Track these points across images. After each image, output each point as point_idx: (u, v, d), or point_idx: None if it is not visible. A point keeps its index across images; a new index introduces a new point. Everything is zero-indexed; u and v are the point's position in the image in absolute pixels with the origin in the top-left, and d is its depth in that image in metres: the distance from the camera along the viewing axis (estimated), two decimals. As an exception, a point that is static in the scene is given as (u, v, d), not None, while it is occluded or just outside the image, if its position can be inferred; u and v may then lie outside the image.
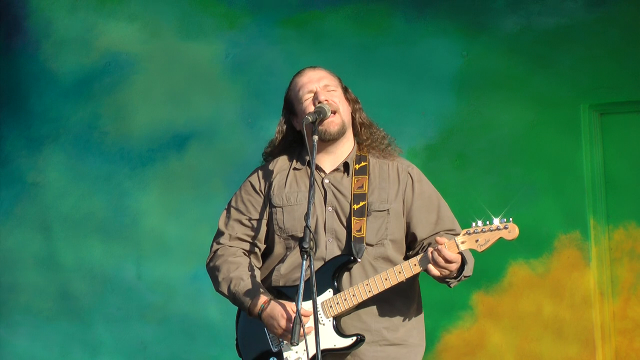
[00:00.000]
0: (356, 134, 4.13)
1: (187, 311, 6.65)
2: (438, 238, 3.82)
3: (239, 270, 4.03)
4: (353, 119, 4.11)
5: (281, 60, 6.52)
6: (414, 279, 4.00)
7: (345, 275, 3.95)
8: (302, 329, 3.67)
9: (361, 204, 3.97)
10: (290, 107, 4.11)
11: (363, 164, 4.05)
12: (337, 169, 4.06)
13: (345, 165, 4.05)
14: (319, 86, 4.04)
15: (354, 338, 3.89)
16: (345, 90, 4.13)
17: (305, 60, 6.37)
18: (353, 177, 4.02)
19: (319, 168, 4.06)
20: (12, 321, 7.07)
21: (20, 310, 7.06)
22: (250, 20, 6.65)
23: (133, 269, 6.81)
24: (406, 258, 4.01)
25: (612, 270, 5.78)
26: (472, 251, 3.90)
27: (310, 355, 3.78)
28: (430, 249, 3.81)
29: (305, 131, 3.92)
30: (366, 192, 3.99)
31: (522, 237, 5.75)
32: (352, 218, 3.95)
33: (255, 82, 6.61)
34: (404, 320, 4.00)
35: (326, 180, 4.04)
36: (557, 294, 5.79)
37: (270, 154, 4.18)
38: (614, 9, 5.83)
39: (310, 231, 3.68)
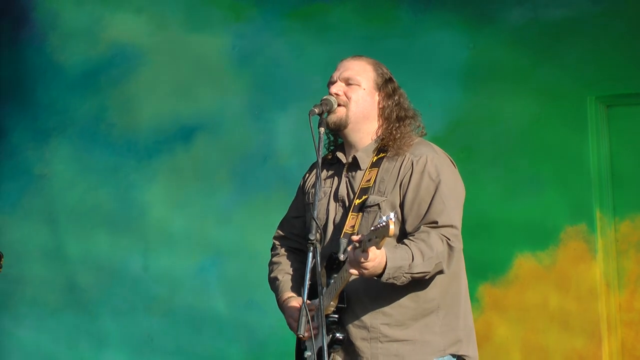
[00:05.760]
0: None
1: (193, 303, 6.65)
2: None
3: (277, 270, 4.12)
4: (381, 113, 3.99)
5: (287, 52, 6.53)
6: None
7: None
8: (309, 321, 3.67)
9: (363, 198, 3.88)
10: None
11: (382, 155, 3.94)
12: (351, 162, 4.00)
13: (354, 159, 3.97)
14: (340, 78, 3.97)
15: (329, 337, 3.80)
16: (383, 84, 4.01)
17: (311, 53, 6.41)
18: (367, 170, 3.93)
19: (340, 160, 4.02)
20: (19, 313, 7.09)
21: (26, 303, 7.07)
22: (257, 13, 6.65)
23: (139, 261, 6.82)
24: None
25: (618, 262, 5.77)
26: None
27: (316, 350, 3.82)
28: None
29: (310, 123, 3.83)
30: (371, 185, 3.89)
31: (529, 229, 5.84)
32: (350, 213, 3.89)
33: (261, 74, 6.61)
34: (414, 317, 3.85)
35: (345, 173, 4.00)
36: (563, 286, 5.79)
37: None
38: (620, 1, 5.81)
39: (317, 224, 3.69)
